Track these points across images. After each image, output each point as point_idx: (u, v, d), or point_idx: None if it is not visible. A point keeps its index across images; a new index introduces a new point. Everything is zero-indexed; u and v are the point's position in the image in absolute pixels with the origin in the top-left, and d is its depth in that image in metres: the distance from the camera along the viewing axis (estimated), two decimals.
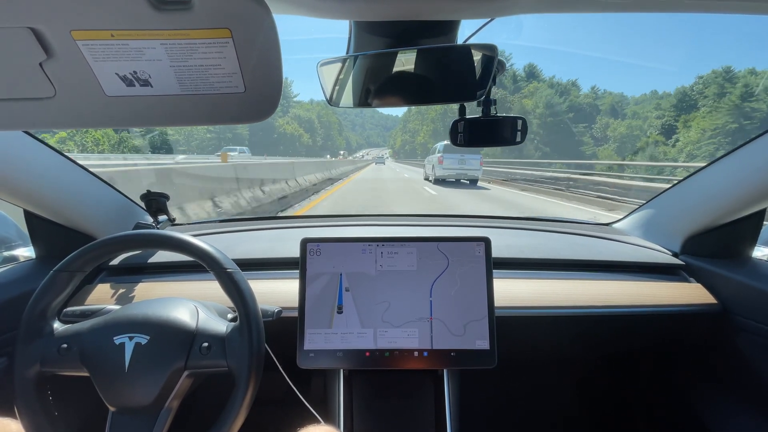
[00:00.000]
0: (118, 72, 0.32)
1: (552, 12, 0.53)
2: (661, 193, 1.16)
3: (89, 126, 0.36)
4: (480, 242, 0.80)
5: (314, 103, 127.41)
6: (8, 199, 0.82)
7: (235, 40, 0.31)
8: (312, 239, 0.80)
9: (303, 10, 0.49)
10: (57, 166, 0.88)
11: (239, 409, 0.59)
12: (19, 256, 1.05)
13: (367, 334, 0.77)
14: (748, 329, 0.89)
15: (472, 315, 0.77)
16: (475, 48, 0.59)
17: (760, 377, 0.88)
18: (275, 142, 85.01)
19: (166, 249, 0.68)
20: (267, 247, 1.07)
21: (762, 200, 0.85)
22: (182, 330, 0.62)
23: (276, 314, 0.71)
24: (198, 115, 0.36)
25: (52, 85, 0.32)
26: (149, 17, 0.28)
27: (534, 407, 1.33)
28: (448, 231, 1.23)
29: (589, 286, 0.96)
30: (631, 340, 1.07)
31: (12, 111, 0.34)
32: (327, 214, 1.50)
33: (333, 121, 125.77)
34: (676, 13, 0.49)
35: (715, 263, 0.98)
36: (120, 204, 1.08)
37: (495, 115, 0.69)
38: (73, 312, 0.69)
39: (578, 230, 1.25)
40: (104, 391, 0.58)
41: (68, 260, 0.64)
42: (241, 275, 0.65)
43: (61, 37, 0.29)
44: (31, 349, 0.60)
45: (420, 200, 8.80)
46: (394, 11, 0.50)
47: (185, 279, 0.96)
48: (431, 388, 0.86)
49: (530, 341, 1.03)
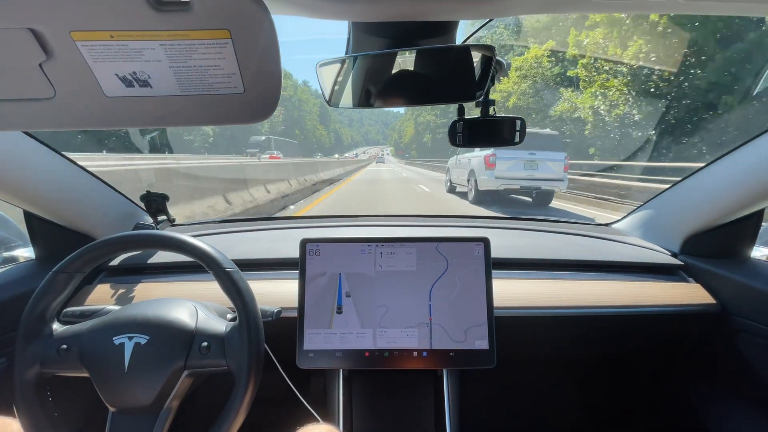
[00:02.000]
0: (117, 73, 0.32)
1: (551, 12, 0.53)
2: (660, 193, 1.16)
3: (89, 126, 0.36)
4: (479, 242, 0.80)
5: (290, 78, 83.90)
6: (8, 199, 0.82)
7: (234, 40, 0.31)
8: (311, 239, 0.80)
9: (302, 11, 0.49)
10: (56, 167, 0.88)
11: (238, 409, 0.59)
12: (19, 256, 1.05)
13: (367, 334, 0.77)
14: (747, 329, 0.89)
15: (472, 317, 0.77)
16: (473, 48, 0.60)
17: (759, 377, 0.88)
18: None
19: (165, 249, 0.68)
20: (266, 247, 1.07)
21: (761, 200, 0.85)
22: (182, 330, 0.62)
23: (275, 314, 0.71)
24: (197, 116, 0.36)
25: (52, 85, 0.32)
26: (148, 18, 0.29)
27: (533, 407, 1.33)
28: (448, 231, 1.23)
29: (588, 287, 0.96)
30: (631, 340, 1.07)
31: (11, 111, 0.34)
32: (326, 215, 1.50)
33: (310, 101, 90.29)
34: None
35: (714, 263, 0.98)
36: (119, 204, 1.08)
37: (494, 115, 0.69)
38: (72, 312, 0.69)
39: (577, 230, 1.25)
40: (104, 392, 0.59)
41: (68, 261, 0.64)
42: (240, 275, 0.65)
43: (60, 38, 0.29)
44: (31, 349, 0.60)
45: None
46: (393, 12, 0.50)
47: (185, 279, 0.96)
48: (431, 388, 0.86)
49: (529, 341, 1.03)
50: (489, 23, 0.63)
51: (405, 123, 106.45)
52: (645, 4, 0.49)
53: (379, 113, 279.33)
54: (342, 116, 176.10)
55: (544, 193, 7.51)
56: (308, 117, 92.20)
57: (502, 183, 7.15)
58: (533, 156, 7.07)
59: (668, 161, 10.60)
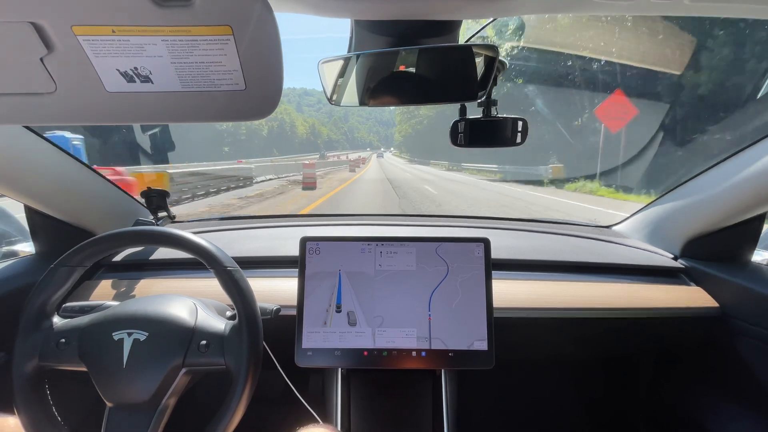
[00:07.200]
0: (118, 68, 0.32)
1: (552, 12, 0.53)
2: (661, 195, 1.16)
3: (89, 121, 0.36)
4: (479, 243, 0.80)
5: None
6: (9, 194, 0.82)
7: (237, 37, 0.31)
8: (311, 238, 0.80)
9: (304, 8, 0.49)
10: (57, 162, 0.88)
11: (236, 407, 0.59)
12: (19, 251, 1.06)
13: (366, 333, 0.77)
14: (748, 333, 0.89)
15: (471, 317, 0.77)
16: (476, 48, 0.59)
17: (760, 381, 0.88)
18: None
19: (166, 246, 0.68)
20: (266, 245, 1.07)
21: (763, 203, 0.85)
22: (181, 327, 0.62)
23: (274, 312, 0.71)
24: (198, 112, 0.36)
25: (53, 80, 0.32)
26: (150, 13, 0.29)
27: (532, 408, 1.33)
28: (448, 231, 1.23)
29: (589, 289, 0.96)
30: (631, 343, 1.07)
31: (12, 106, 0.34)
32: (327, 213, 1.51)
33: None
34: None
35: (715, 267, 0.98)
36: (120, 200, 1.09)
37: (496, 115, 0.69)
38: (72, 307, 0.69)
39: (578, 232, 1.25)
40: (102, 387, 0.59)
41: (68, 255, 0.64)
42: (240, 274, 0.65)
43: (62, 33, 0.29)
44: (30, 342, 0.60)
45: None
46: (396, 10, 0.50)
47: (185, 276, 0.96)
48: (429, 387, 0.86)
49: (529, 343, 1.03)
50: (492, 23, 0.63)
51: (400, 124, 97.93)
52: (648, 4, 0.49)
53: (377, 110, 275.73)
54: (339, 114, 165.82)
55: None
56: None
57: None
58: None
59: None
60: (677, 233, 1.06)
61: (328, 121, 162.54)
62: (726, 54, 9.85)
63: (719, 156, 0.93)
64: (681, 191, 1.07)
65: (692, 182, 1.03)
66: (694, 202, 1.00)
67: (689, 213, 1.02)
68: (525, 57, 16.22)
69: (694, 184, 1.02)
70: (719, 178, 0.93)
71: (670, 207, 1.11)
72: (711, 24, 9.95)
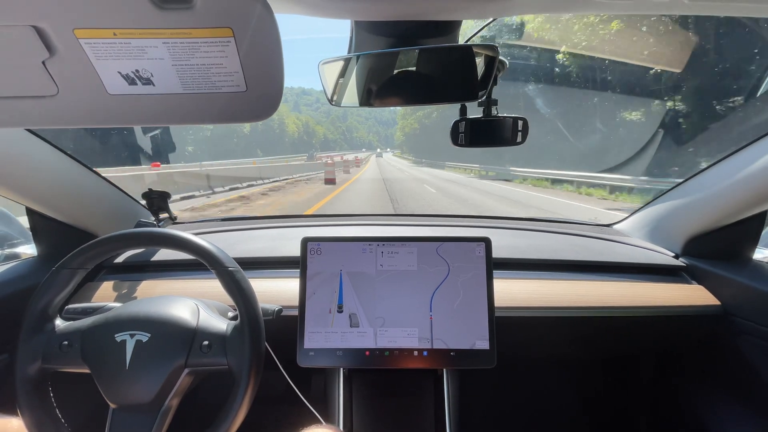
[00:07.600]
0: (120, 70, 0.32)
1: (552, 13, 0.53)
2: (662, 194, 1.16)
3: (91, 124, 0.36)
4: (480, 242, 0.80)
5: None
6: (11, 196, 0.82)
7: (237, 39, 0.31)
8: (313, 238, 0.80)
9: (304, 10, 0.49)
10: (59, 164, 0.88)
11: (239, 407, 0.59)
12: (22, 253, 1.06)
13: (367, 333, 0.77)
14: (749, 331, 0.89)
15: (473, 317, 0.77)
16: (476, 48, 0.59)
17: (761, 379, 0.88)
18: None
19: (167, 247, 0.68)
20: (268, 246, 1.07)
21: (763, 202, 0.85)
22: (183, 328, 0.62)
23: (276, 313, 0.72)
24: (199, 114, 0.36)
25: (55, 83, 0.32)
26: (151, 16, 0.29)
27: (534, 407, 1.33)
28: (449, 231, 1.23)
29: (590, 288, 0.96)
30: (632, 342, 1.07)
31: (14, 109, 0.34)
32: (328, 214, 1.51)
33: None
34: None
35: (716, 265, 0.98)
36: (121, 202, 1.09)
37: (496, 115, 0.69)
38: (74, 309, 0.69)
39: (579, 231, 1.25)
40: (105, 388, 0.59)
41: (70, 257, 0.64)
42: (242, 274, 0.65)
43: (63, 36, 0.29)
44: (33, 345, 0.60)
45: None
46: (396, 11, 0.50)
47: (187, 277, 0.96)
48: (431, 387, 0.86)
49: (530, 342, 1.03)
50: (492, 23, 0.63)
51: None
52: (648, 3, 0.49)
53: (380, 114, 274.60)
54: (337, 114, 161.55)
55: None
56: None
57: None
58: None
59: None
60: (678, 231, 1.06)
61: (325, 120, 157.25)
62: (726, 54, 9.85)
63: (718, 156, 0.93)
64: (682, 189, 1.06)
65: (693, 180, 1.02)
66: (695, 200, 1.00)
67: (690, 211, 1.02)
68: (525, 57, 16.10)
69: (695, 182, 1.01)
70: (720, 176, 0.93)
71: (671, 205, 1.10)
72: (711, 24, 9.94)
